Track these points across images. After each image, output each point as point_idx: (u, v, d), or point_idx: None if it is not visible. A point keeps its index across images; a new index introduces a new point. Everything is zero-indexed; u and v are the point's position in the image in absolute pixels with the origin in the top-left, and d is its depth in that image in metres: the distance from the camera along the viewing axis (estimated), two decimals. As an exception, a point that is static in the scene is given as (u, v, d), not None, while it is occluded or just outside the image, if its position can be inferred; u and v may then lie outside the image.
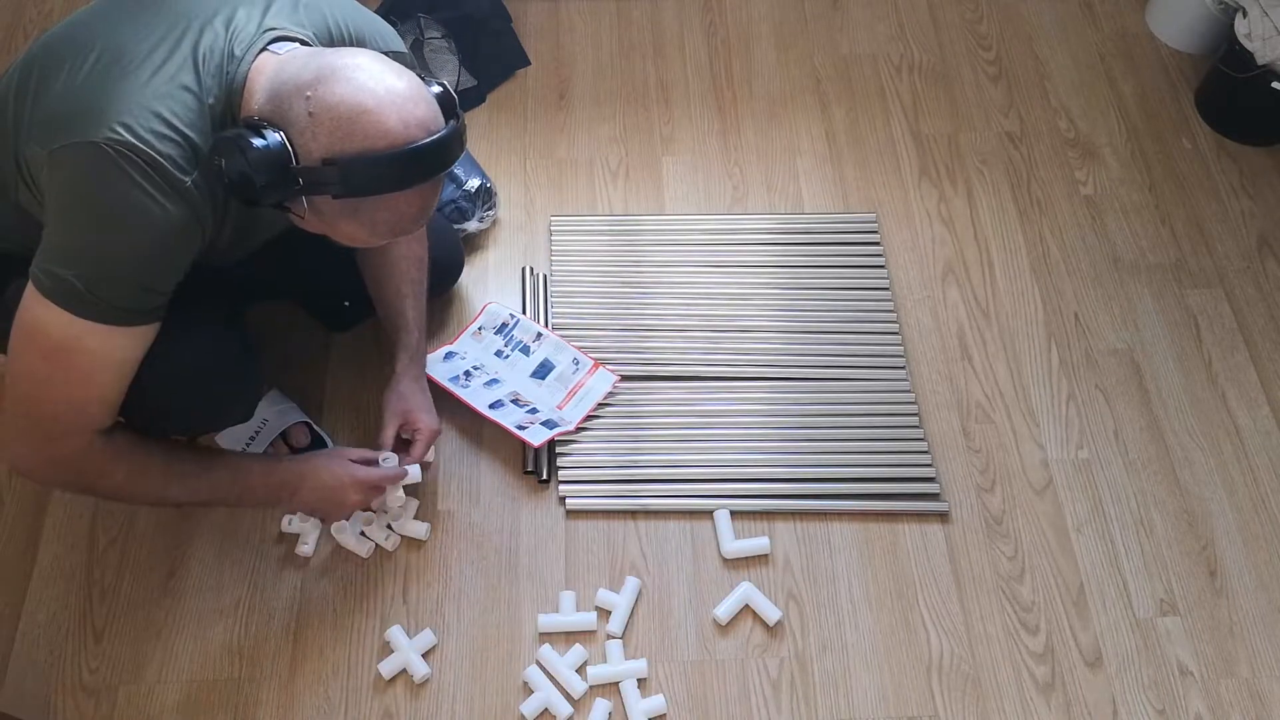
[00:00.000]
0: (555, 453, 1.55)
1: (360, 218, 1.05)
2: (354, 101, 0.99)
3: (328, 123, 0.99)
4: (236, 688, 1.37)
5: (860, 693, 1.40)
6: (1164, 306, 1.75)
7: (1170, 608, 1.47)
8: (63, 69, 1.07)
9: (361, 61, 1.02)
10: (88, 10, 1.14)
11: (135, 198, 1.02)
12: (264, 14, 1.11)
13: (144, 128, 1.01)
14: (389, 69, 1.03)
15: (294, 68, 1.03)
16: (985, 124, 1.96)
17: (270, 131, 1.00)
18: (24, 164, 1.08)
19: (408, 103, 1.01)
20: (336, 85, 1.00)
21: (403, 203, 1.05)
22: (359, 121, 0.99)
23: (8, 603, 1.42)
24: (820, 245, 1.78)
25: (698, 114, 1.95)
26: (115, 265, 1.04)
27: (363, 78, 1.00)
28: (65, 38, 1.11)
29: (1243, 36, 1.83)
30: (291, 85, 1.02)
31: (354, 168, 0.99)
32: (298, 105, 1.00)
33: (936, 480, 1.55)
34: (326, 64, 1.02)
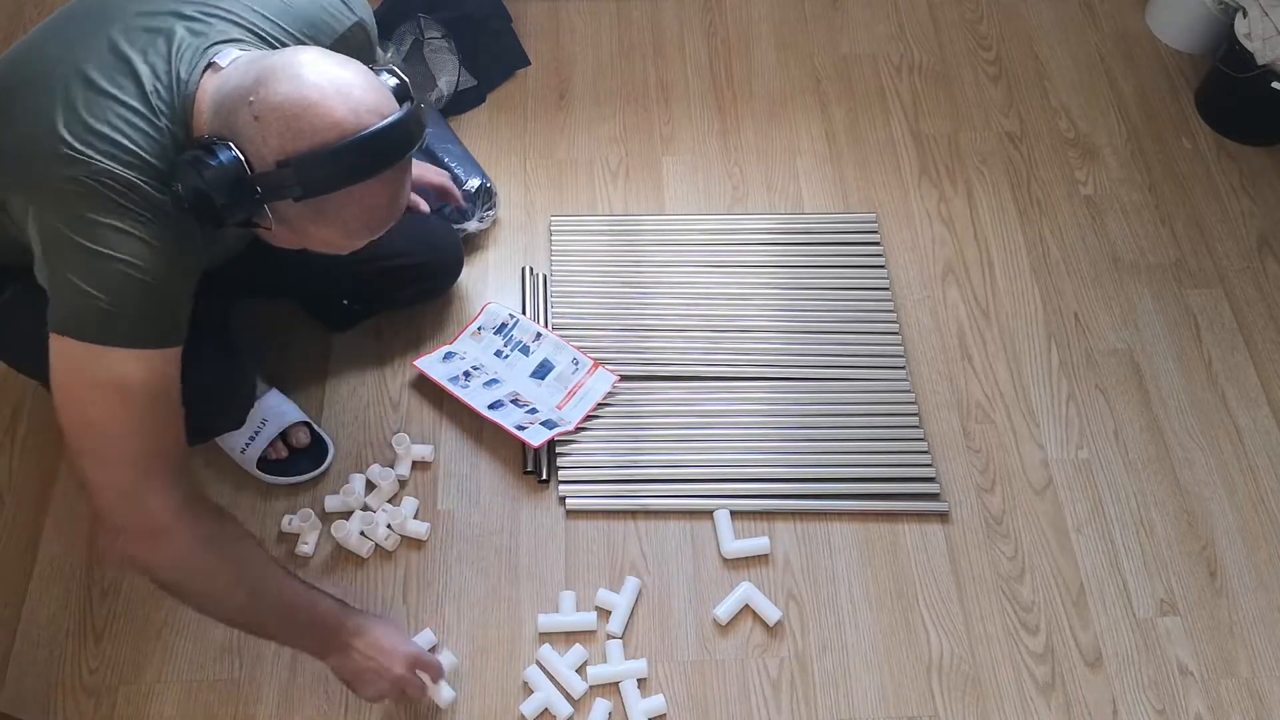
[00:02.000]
0: (555, 453, 1.55)
1: (329, 219, 1.01)
2: (298, 96, 0.96)
3: (275, 123, 0.96)
4: (236, 688, 1.37)
5: (860, 693, 1.40)
6: (1164, 306, 1.75)
7: (1170, 608, 1.47)
8: (15, 104, 1.04)
9: (303, 58, 0.99)
10: (35, 35, 1.13)
11: (123, 224, 1.00)
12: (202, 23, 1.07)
13: (110, 158, 0.99)
14: (332, 60, 1.00)
15: (235, 78, 1.00)
16: (985, 124, 1.96)
17: (221, 147, 0.97)
18: (10, 206, 1.06)
19: (354, 90, 0.98)
20: (279, 84, 0.96)
21: (369, 196, 1.01)
22: (306, 116, 0.95)
23: (8, 603, 1.42)
24: (820, 245, 1.78)
25: (698, 114, 1.95)
26: (129, 288, 1.01)
27: (305, 72, 0.97)
28: (15, 65, 1.09)
29: (1243, 36, 1.83)
30: (235, 95, 0.99)
31: (309, 164, 0.96)
32: (243, 113, 0.97)
33: (936, 480, 1.55)
34: (266, 66, 0.98)
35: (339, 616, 1.22)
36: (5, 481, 1.51)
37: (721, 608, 1.43)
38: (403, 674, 1.24)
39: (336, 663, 1.24)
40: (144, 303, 1.02)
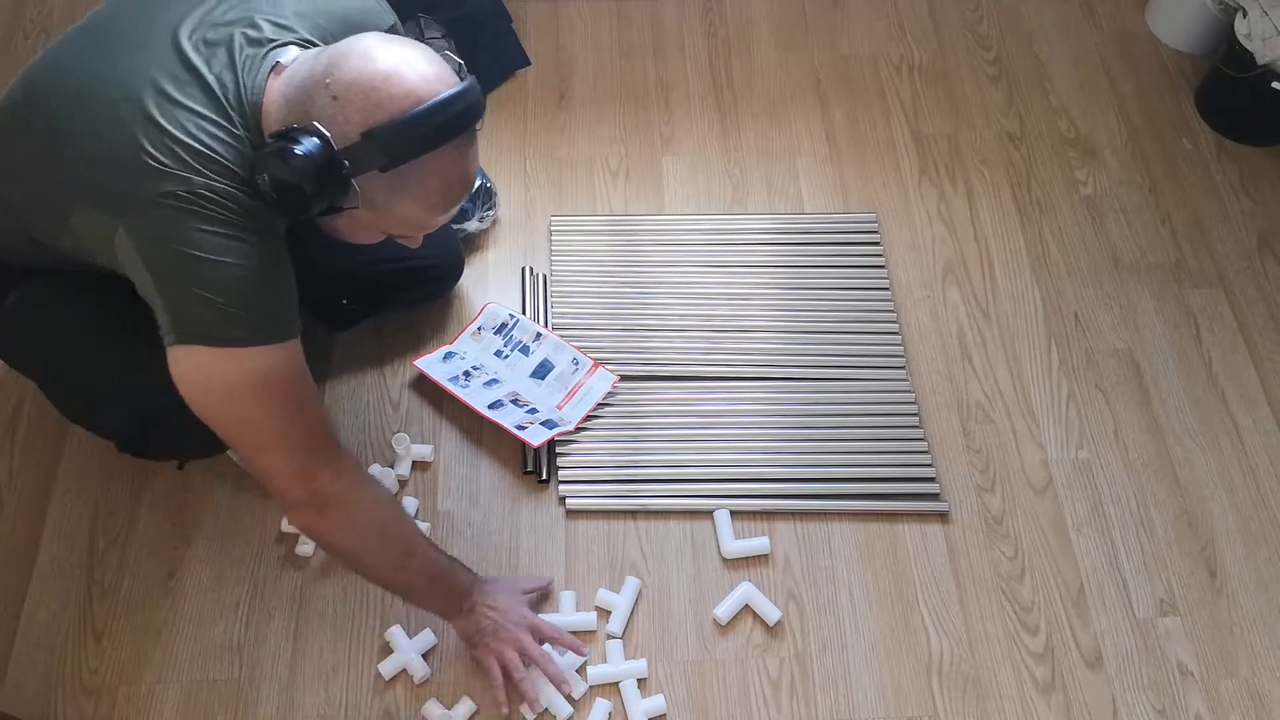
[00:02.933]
0: (555, 453, 1.55)
1: (411, 190, 1.05)
2: (373, 70, 1.01)
3: (355, 98, 1.00)
4: (236, 688, 1.37)
5: (860, 693, 1.40)
6: (1164, 306, 1.75)
7: (1170, 608, 1.47)
8: (74, 119, 1.05)
9: (368, 41, 1.04)
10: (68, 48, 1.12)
11: (228, 231, 1.03)
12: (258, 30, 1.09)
13: (201, 172, 1.02)
14: (394, 40, 1.05)
15: (303, 70, 1.04)
16: (985, 124, 1.96)
17: (302, 133, 1.00)
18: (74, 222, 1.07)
19: (421, 63, 1.03)
20: (352, 62, 1.01)
21: (447, 164, 1.05)
22: (384, 87, 1.00)
23: (8, 603, 1.42)
24: (820, 245, 1.78)
25: (698, 114, 1.95)
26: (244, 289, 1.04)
27: (374, 51, 1.02)
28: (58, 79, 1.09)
29: (1243, 36, 1.83)
30: (308, 83, 1.03)
31: (392, 132, 1.00)
32: (320, 96, 1.01)
33: (936, 480, 1.55)
34: (335, 51, 1.03)
35: (470, 582, 1.32)
36: (5, 481, 1.51)
37: (721, 608, 1.43)
38: (518, 636, 1.32)
39: (461, 623, 1.33)
40: (264, 302, 1.06)
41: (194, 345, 1.04)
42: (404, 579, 1.27)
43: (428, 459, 1.54)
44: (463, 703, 1.36)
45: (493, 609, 1.33)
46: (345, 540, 1.20)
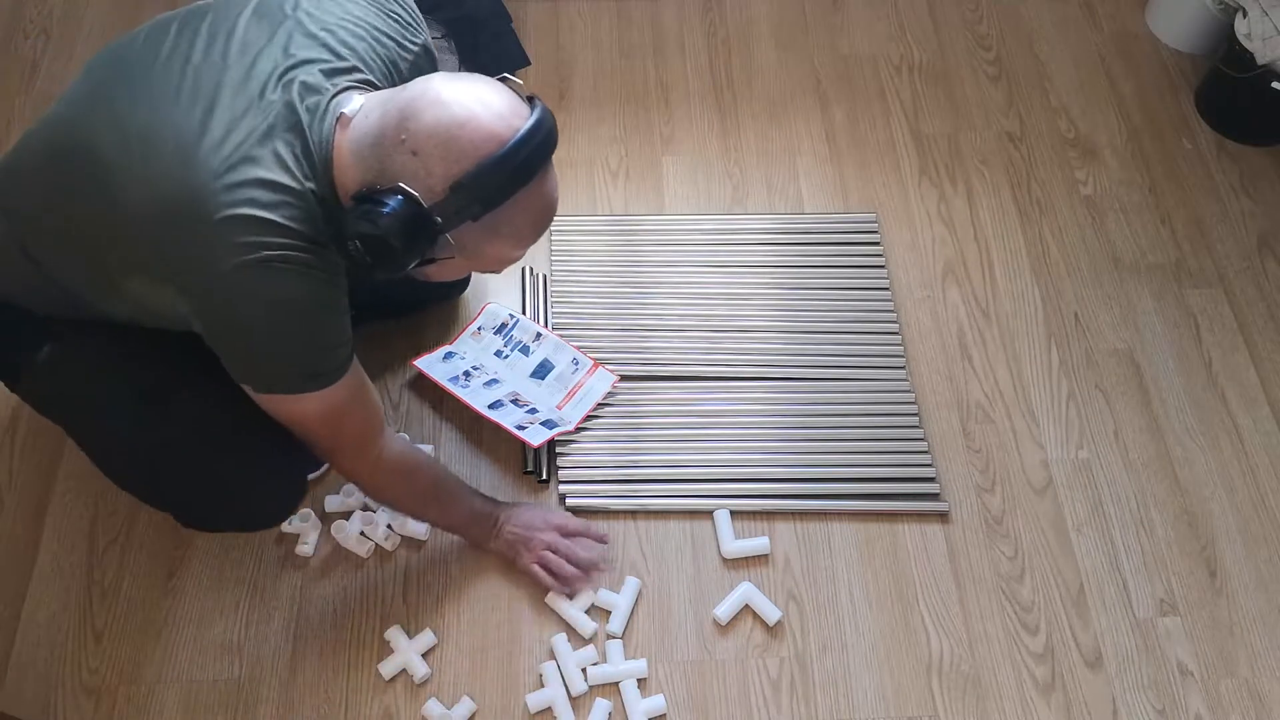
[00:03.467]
0: (555, 453, 1.55)
1: (503, 231, 1.05)
2: (448, 119, 0.99)
3: (435, 150, 0.99)
4: (236, 688, 1.37)
5: (860, 693, 1.40)
6: (1164, 306, 1.75)
7: (1170, 608, 1.47)
8: (113, 173, 1.03)
9: (432, 84, 1.02)
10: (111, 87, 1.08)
11: (295, 295, 1.04)
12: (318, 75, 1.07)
13: (271, 242, 1.01)
14: (459, 80, 1.03)
15: (373, 129, 1.02)
16: (985, 124, 1.96)
17: (387, 193, 0.99)
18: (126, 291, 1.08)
19: (492, 99, 1.01)
20: (424, 115, 0.99)
21: (536, 196, 1.05)
22: (462, 135, 0.98)
23: (8, 603, 1.42)
24: (820, 245, 1.78)
25: (698, 114, 1.95)
26: (308, 350, 1.09)
27: (443, 97, 1.00)
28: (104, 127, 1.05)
29: (1243, 36, 1.83)
30: (381, 141, 1.01)
31: (480, 180, 0.99)
32: (398, 155, 1.00)
33: (936, 480, 1.55)
34: (403, 103, 1.01)
35: (494, 511, 1.43)
36: (5, 481, 1.51)
37: (721, 608, 1.43)
38: (547, 539, 1.42)
39: (495, 546, 1.43)
40: (329, 352, 1.11)
41: (270, 394, 1.12)
42: (440, 522, 1.43)
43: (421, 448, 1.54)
44: (463, 703, 1.36)
45: (518, 527, 1.42)
46: (393, 494, 1.34)
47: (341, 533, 1.46)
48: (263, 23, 1.10)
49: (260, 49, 1.07)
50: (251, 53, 1.07)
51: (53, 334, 1.24)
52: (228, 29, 1.09)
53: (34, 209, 1.12)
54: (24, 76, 1.94)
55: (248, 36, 1.09)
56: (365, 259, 1.02)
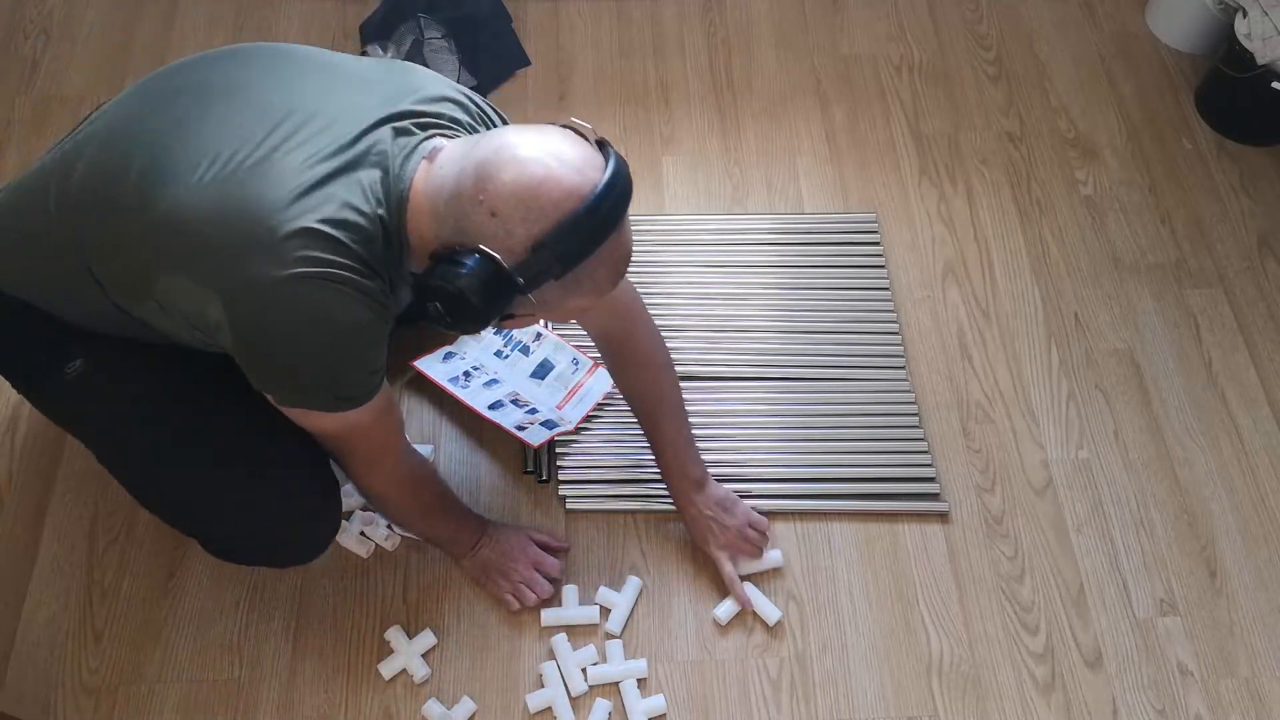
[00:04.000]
0: (555, 453, 1.55)
1: (584, 285, 1.03)
2: (527, 178, 0.97)
3: (515, 212, 0.97)
4: (236, 688, 1.37)
5: (860, 693, 1.40)
6: (1164, 306, 1.75)
7: (1170, 608, 1.47)
8: (173, 176, 1.03)
9: (505, 139, 1.00)
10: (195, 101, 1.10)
11: (342, 320, 1.03)
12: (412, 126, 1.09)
13: (325, 250, 1.01)
14: (533, 132, 1.01)
15: (450, 184, 1.01)
16: (985, 124, 1.96)
17: (465, 254, 0.98)
18: (158, 293, 1.07)
19: (569, 152, 0.99)
20: (502, 174, 0.97)
21: (615, 247, 1.03)
22: (541, 195, 0.97)
23: (8, 603, 1.42)
24: (820, 245, 1.78)
25: (698, 114, 1.95)
26: (341, 374, 1.09)
27: (519, 153, 0.98)
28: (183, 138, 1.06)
29: (1243, 36, 1.83)
30: (458, 200, 1.00)
31: (562, 238, 0.97)
32: (476, 215, 0.98)
33: (936, 480, 1.55)
34: (479, 161, 0.99)
35: (476, 530, 1.42)
36: (5, 481, 1.51)
37: (721, 608, 1.43)
38: (523, 576, 1.41)
39: (468, 564, 1.43)
40: (363, 377, 1.11)
41: (300, 409, 1.12)
42: (423, 533, 1.43)
43: (428, 459, 1.54)
44: (463, 703, 1.36)
45: (495, 554, 1.42)
46: (394, 506, 1.35)
47: (342, 533, 1.46)
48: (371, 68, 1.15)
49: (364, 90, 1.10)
50: (353, 92, 1.10)
51: (83, 349, 1.22)
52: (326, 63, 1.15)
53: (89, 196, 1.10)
54: (24, 76, 1.94)
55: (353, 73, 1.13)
56: (445, 319, 1.02)
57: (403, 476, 1.30)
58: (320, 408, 1.11)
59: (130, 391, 1.24)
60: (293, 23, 2.04)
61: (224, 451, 1.23)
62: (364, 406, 1.12)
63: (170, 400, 1.24)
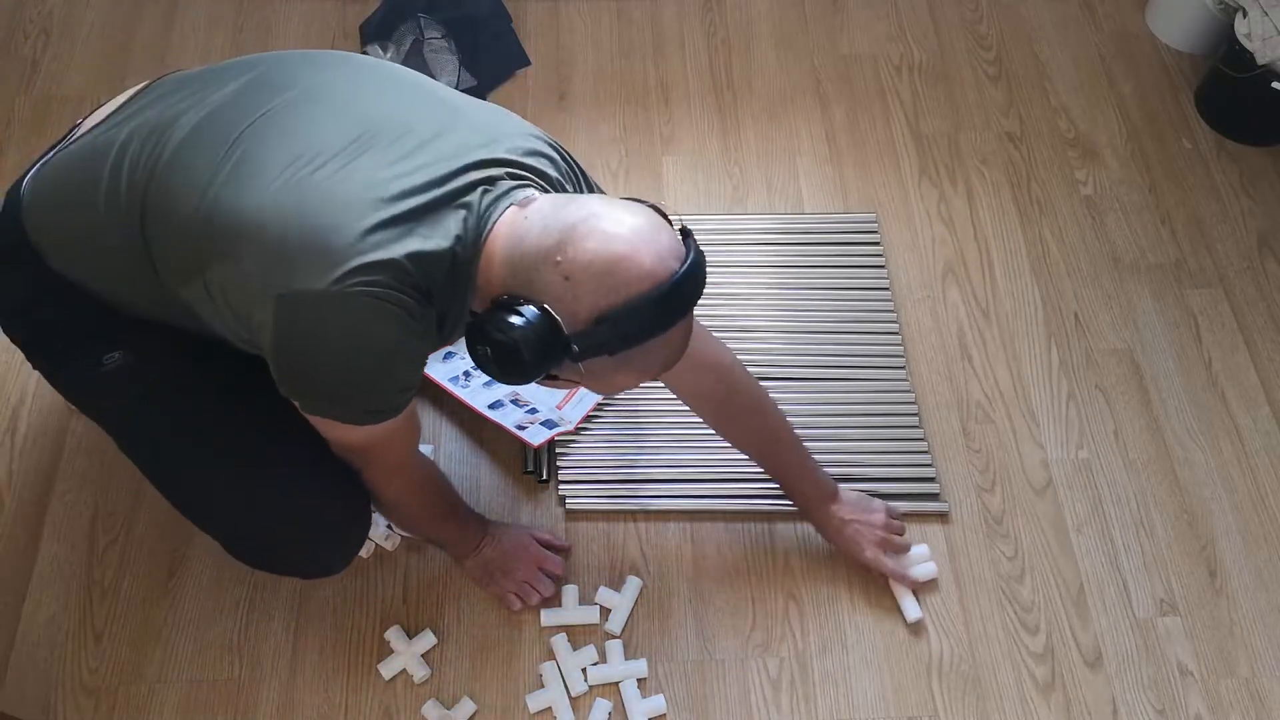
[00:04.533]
0: (555, 453, 1.55)
1: (634, 366, 1.03)
2: (608, 253, 0.96)
3: (588, 281, 0.96)
4: (236, 688, 1.37)
5: (860, 693, 1.40)
6: (1164, 306, 1.75)
7: (1170, 608, 1.47)
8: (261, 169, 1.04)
9: (595, 209, 1.00)
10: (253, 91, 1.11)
11: (380, 332, 1.03)
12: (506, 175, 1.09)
13: (382, 272, 1.01)
14: (622, 208, 1.01)
15: (533, 236, 1.00)
16: (985, 124, 1.96)
17: (526, 306, 0.98)
18: (210, 277, 1.07)
19: (655, 236, 0.99)
20: (585, 241, 0.97)
21: (673, 338, 1.02)
22: (618, 271, 0.96)
23: (8, 603, 1.42)
24: (820, 245, 1.78)
25: (698, 114, 1.95)
26: (376, 389, 1.09)
27: (605, 225, 0.98)
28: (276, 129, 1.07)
29: (1243, 36, 1.83)
30: (536, 255, 0.99)
31: (626, 319, 0.97)
32: (548, 273, 0.98)
33: (936, 480, 1.55)
34: (565, 223, 0.99)
35: (479, 531, 1.42)
36: (5, 481, 1.51)
37: (908, 608, 1.44)
38: (526, 575, 1.42)
39: (470, 564, 1.43)
40: (395, 395, 1.11)
41: (314, 417, 1.13)
42: (427, 535, 1.45)
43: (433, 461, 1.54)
44: (463, 703, 1.36)
45: (498, 554, 1.42)
46: (403, 512, 1.36)
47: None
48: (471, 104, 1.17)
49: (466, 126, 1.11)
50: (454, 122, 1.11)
51: (125, 342, 1.22)
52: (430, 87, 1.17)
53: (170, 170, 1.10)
54: (24, 76, 1.94)
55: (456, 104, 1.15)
56: (492, 365, 1.01)
57: (416, 485, 1.30)
58: (347, 420, 1.11)
59: (164, 392, 1.23)
60: (293, 23, 2.04)
61: (248, 460, 1.23)
62: (390, 421, 1.12)
63: (202, 404, 1.24)
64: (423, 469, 1.32)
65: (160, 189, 1.08)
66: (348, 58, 1.19)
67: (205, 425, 1.23)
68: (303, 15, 2.05)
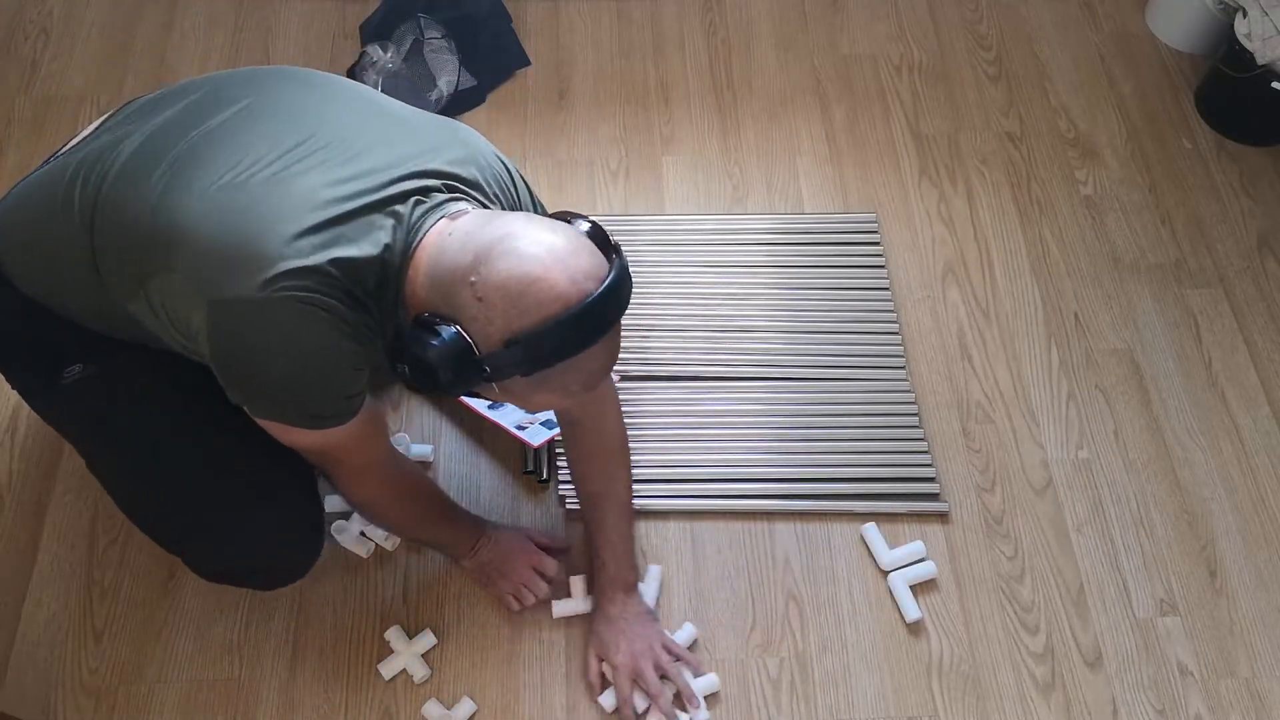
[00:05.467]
0: (555, 453, 1.55)
1: (551, 386, 1.02)
2: (520, 274, 0.95)
3: (499, 303, 0.96)
4: (236, 688, 1.37)
5: (860, 693, 1.40)
6: (1164, 306, 1.75)
7: (1170, 608, 1.47)
8: (195, 179, 1.05)
9: (514, 228, 0.99)
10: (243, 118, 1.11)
11: (319, 340, 1.03)
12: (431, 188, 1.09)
13: (309, 278, 1.01)
14: (543, 227, 1.00)
15: (452, 253, 1.01)
16: (985, 124, 1.96)
17: (444, 326, 0.98)
18: (150, 289, 1.07)
19: (571, 257, 0.97)
20: (498, 262, 0.96)
21: (592, 359, 1.01)
22: (529, 293, 0.95)
23: (8, 603, 1.42)
24: (820, 245, 1.78)
25: (698, 114, 1.95)
26: (316, 394, 1.08)
27: (522, 245, 0.97)
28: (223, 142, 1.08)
29: (1243, 36, 1.83)
30: (454, 274, 0.99)
31: (536, 342, 0.96)
32: (464, 293, 0.98)
33: (936, 480, 1.55)
34: (482, 242, 0.99)
35: (473, 532, 1.41)
36: (5, 481, 1.51)
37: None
38: (523, 575, 1.41)
39: (468, 564, 1.42)
40: (337, 401, 1.10)
41: (264, 420, 1.11)
42: (414, 539, 1.44)
43: (428, 459, 1.54)
44: (463, 703, 1.36)
45: (495, 555, 1.41)
46: (383, 517, 1.36)
47: (342, 533, 1.46)
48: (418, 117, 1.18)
49: (405, 136, 1.12)
50: (392, 131, 1.12)
51: (85, 355, 1.23)
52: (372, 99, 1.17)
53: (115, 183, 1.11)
54: (24, 76, 1.94)
55: (398, 115, 1.16)
56: (408, 378, 1.02)
57: (388, 488, 1.28)
58: (293, 424, 1.10)
59: (123, 403, 1.24)
60: (293, 23, 2.04)
61: (207, 471, 1.23)
62: (343, 426, 1.11)
63: (162, 415, 1.24)
64: (396, 473, 1.29)
65: (104, 206, 1.10)
66: (295, 73, 1.19)
67: (159, 435, 1.24)
68: (303, 15, 2.05)
